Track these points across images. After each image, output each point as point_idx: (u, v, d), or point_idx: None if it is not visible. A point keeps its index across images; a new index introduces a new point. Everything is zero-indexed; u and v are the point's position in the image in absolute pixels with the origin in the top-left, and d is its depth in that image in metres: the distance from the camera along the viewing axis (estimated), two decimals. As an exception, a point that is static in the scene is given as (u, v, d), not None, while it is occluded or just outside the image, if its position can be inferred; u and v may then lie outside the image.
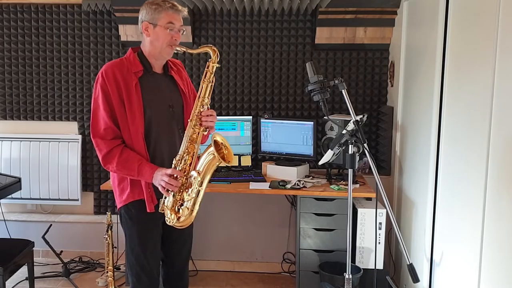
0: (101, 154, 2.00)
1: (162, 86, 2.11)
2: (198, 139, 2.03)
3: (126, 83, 1.99)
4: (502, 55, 1.89)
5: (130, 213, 2.08)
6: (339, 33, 3.43)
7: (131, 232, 2.10)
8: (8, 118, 3.75)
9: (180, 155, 2.01)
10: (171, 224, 2.01)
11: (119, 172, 2.02)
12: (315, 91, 2.13)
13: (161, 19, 2.00)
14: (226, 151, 2.03)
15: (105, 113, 1.98)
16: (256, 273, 3.61)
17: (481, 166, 2.01)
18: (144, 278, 2.10)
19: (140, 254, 2.09)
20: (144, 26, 2.03)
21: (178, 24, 2.04)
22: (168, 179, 1.94)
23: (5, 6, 3.63)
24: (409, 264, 2.03)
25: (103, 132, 2.00)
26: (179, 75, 2.20)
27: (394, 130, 3.38)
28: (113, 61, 2.06)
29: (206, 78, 2.04)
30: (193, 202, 1.99)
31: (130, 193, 2.05)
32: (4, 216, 3.57)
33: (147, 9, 2.03)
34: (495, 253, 1.91)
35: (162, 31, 2.01)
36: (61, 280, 3.39)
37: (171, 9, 2.01)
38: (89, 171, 3.75)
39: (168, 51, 2.05)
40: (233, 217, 3.67)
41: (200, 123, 2.02)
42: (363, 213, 2.95)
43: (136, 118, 1.99)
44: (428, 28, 2.70)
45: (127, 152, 1.99)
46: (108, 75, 1.98)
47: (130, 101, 1.98)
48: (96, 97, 2.01)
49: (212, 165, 1.99)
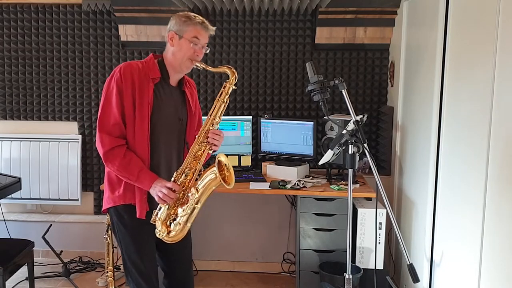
0: (103, 150, 1.97)
1: (174, 98, 2.12)
2: (202, 157, 2.03)
3: (141, 86, 1.99)
4: (502, 55, 1.89)
5: (123, 220, 2.06)
6: (339, 33, 3.43)
7: (126, 240, 2.08)
8: (8, 118, 3.75)
9: (182, 169, 2.00)
10: (160, 237, 2.00)
11: (118, 173, 2.00)
12: (315, 91, 2.13)
13: (187, 32, 2.01)
14: (228, 173, 2.00)
15: (117, 110, 1.96)
16: (256, 273, 3.61)
17: (481, 166, 2.01)
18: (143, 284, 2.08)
19: (136, 260, 2.07)
20: (170, 36, 2.04)
21: (204, 41, 2.05)
22: (167, 192, 1.93)
23: (5, 6, 3.63)
24: (409, 264, 2.02)
25: (111, 127, 1.97)
26: (190, 93, 2.21)
27: (394, 130, 3.38)
28: (133, 62, 2.05)
29: (220, 98, 2.04)
30: (186, 219, 1.98)
31: (122, 195, 2.03)
32: (4, 216, 3.57)
33: (176, 20, 2.04)
34: (495, 253, 1.91)
35: (186, 44, 2.01)
36: (61, 280, 3.39)
37: (200, 25, 2.02)
38: (89, 171, 3.75)
39: (188, 65, 2.05)
40: (233, 217, 3.67)
41: (207, 141, 2.02)
42: (363, 213, 2.95)
43: (145, 122, 1.99)
44: (428, 28, 2.70)
45: (130, 155, 1.98)
46: (126, 73, 1.97)
47: (142, 104, 1.98)
48: (109, 91, 1.98)
49: (212, 186, 1.97)
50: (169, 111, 2.08)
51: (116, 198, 2.04)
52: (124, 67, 1.99)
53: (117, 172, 2.00)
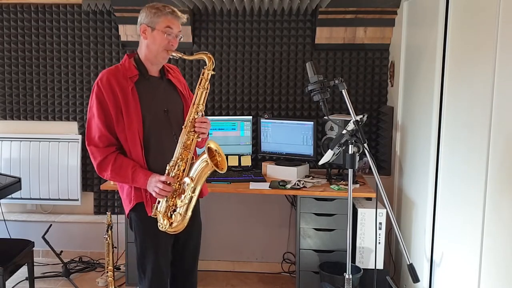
0: (96, 162, 2.02)
1: (159, 91, 2.11)
2: (192, 146, 2.03)
3: (122, 89, 1.99)
4: (502, 55, 1.89)
5: (140, 215, 2.07)
6: (339, 33, 3.43)
7: (143, 235, 2.09)
8: (8, 118, 3.75)
9: (174, 161, 2.01)
10: (163, 230, 2.01)
11: (113, 179, 2.03)
12: (315, 91, 2.13)
13: (159, 23, 2.01)
14: (220, 158, 2.04)
15: (100, 121, 1.99)
16: (256, 273, 3.61)
17: (481, 166, 2.01)
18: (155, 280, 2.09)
19: (151, 256, 2.08)
20: (142, 29, 2.04)
21: (176, 29, 2.05)
22: (163, 186, 1.94)
23: (5, 6, 3.63)
24: (409, 264, 2.03)
25: (97, 140, 2.01)
26: (177, 79, 2.20)
27: (394, 130, 3.38)
28: (109, 69, 2.06)
29: (201, 85, 2.04)
30: (186, 208, 2.00)
31: (135, 195, 2.06)
32: (4, 216, 3.57)
33: (146, 12, 2.03)
34: (495, 253, 1.91)
35: (160, 35, 2.01)
36: (61, 280, 3.39)
37: (170, 14, 2.02)
38: (89, 171, 3.75)
39: (164, 55, 2.05)
40: (233, 217, 3.67)
41: (194, 129, 2.02)
42: (363, 213, 2.95)
43: (133, 122, 1.99)
44: (428, 28, 2.70)
45: (120, 159, 2.00)
46: (103, 83, 1.99)
47: (127, 106, 1.99)
48: (91, 106, 2.02)
49: (205, 172, 2.00)
50: (155, 105, 2.07)
51: (133, 200, 2.07)
52: (101, 77, 2.01)
53: (112, 178, 2.03)
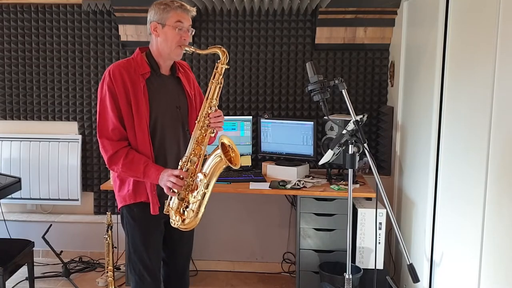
0: (107, 155, 1.99)
1: (169, 87, 2.10)
2: (205, 141, 2.01)
3: (133, 84, 1.98)
4: (502, 55, 1.89)
5: (132, 213, 2.07)
6: (339, 33, 3.43)
7: (134, 232, 2.09)
8: (8, 118, 3.75)
9: (187, 156, 1.99)
10: (175, 226, 2.00)
11: (124, 174, 2.01)
12: (315, 91, 2.13)
13: (169, 18, 1.99)
14: (234, 154, 2.00)
15: (113, 114, 1.97)
16: (256, 273, 3.61)
17: (481, 166, 2.01)
18: (147, 277, 2.09)
19: (143, 253, 2.08)
20: (153, 27, 2.02)
21: (187, 23, 2.03)
22: (176, 180, 1.92)
23: (5, 6, 3.63)
24: (409, 264, 2.03)
25: (110, 133, 1.98)
26: (186, 77, 2.19)
27: (394, 130, 3.38)
28: (120, 61, 2.04)
29: (214, 79, 2.03)
30: (199, 204, 1.97)
31: (132, 195, 2.05)
32: (4, 216, 3.57)
33: (155, 9, 2.02)
34: (495, 253, 1.91)
35: (171, 30, 2.00)
36: (61, 280, 3.39)
37: (179, 8, 2.01)
38: (89, 171, 3.75)
39: (178, 51, 2.04)
40: (233, 217, 3.67)
41: (208, 124, 2.01)
42: (363, 213, 2.95)
43: (143, 119, 1.99)
44: (428, 28, 2.70)
45: (132, 154, 1.99)
46: (115, 76, 1.97)
47: (137, 102, 1.98)
48: (103, 97, 1.99)
49: (219, 168, 1.96)
50: (166, 102, 2.06)
51: (126, 197, 2.06)
52: (113, 69, 1.99)
53: (122, 173, 2.01)
